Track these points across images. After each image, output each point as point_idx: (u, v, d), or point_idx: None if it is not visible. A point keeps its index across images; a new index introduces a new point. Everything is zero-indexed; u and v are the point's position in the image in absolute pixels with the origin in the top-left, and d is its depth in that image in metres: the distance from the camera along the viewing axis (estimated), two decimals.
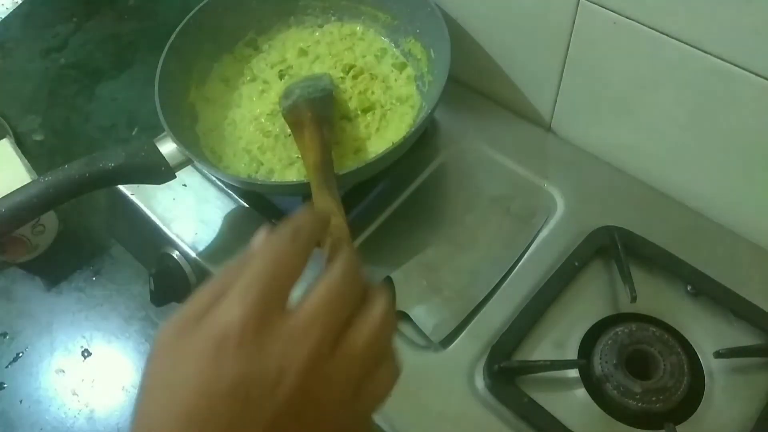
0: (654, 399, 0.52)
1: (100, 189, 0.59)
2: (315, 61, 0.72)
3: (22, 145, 0.92)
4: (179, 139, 0.59)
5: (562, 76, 0.64)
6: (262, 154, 0.65)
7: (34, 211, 0.55)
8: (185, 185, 0.68)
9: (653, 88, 0.58)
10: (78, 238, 0.88)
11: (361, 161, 0.62)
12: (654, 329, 0.55)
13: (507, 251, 0.61)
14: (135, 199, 0.68)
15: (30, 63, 1.03)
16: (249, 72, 0.72)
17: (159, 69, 0.64)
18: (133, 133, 0.94)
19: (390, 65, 0.71)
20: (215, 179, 0.68)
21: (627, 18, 0.54)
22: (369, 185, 0.65)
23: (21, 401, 0.76)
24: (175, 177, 0.60)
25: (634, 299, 0.56)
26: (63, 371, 0.78)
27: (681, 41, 0.52)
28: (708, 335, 0.56)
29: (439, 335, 0.57)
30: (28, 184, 0.55)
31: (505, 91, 0.71)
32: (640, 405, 0.52)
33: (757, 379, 0.53)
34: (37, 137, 0.95)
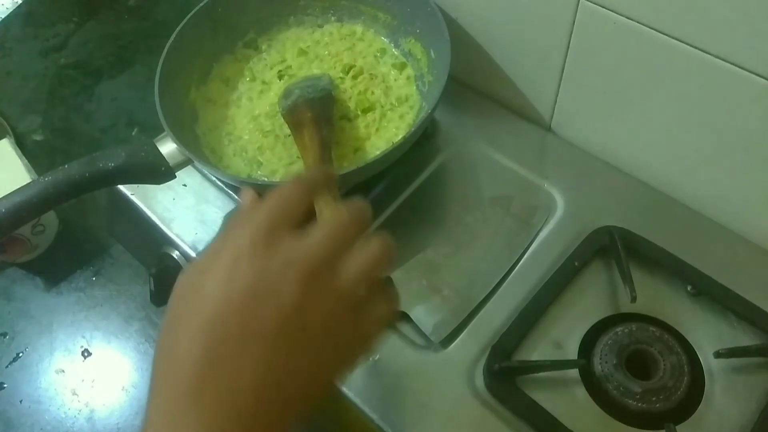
0: (654, 399, 0.52)
1: (100, 189, 0.59)
2: (315, 61, 0.72)
3: (22, 145, 0.91)
4: (179, 139, 0.59)
5: (562, 76, 0.64)
6: (261, 154, 0.66)
7: (34, 211, 0.55)
8: (185, 185, 0.68)
9: (653, 88, 0.58)
10: (78, 238, 0.88)
11: (361, 161, 0.62)
12: (654, 329, 0.55)
13: (507, 251, 0.61)
14: (135, 199, 0.68)
15: (30, 63, 1.03)
16: (249, 72, 0.72)
17: (159, 69, 0.64)
18: (133, 133, 0.93)
19: (390, 65, 0.71)
20: (215, 179, 0.68)
21: (627, 18, 0.54)
22: (369, 185, 0.65)
23: (21, 401, 0.76)
24: (175, 177, 0.60)
25: (634, 299, 0.56)
26: (63, 371, 0.78)
27: (681, 41, 0.52)
28: (708, 335, 0.56)
29: (439, 335, 0.57)
30: (28, 184, 0.55)
31: (505, 91, 0.71)
32: (640, 405, 0.52)
33: (757, 379, 0.53)
34: (37, 137, 0.95)
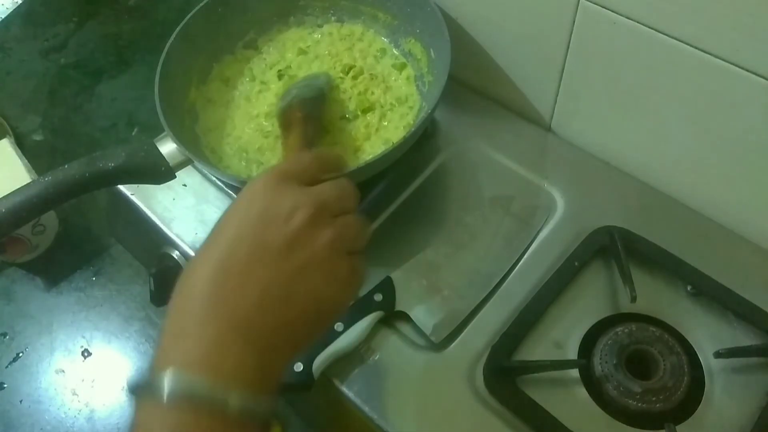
0: (654, 399, 0.52)
1: (100, 189, 0.59)
2: (314, 62, 0.72)
3: (22, 145, 0.92)
4: (179, 139, 0.59)
5: (562, 76, 0.64)
6: (261, 154, 0.66)
7: (34, 211, 0.55)
8: (185, 185, 0.68)
9: (653, 88, 0.58)
10: (78, 238, 0.88)
11: (361, 161, 0.62)
12: (654, 329, 0.55)
13: (507, 251, 0.61)
14: (135, 199, 0.68)
15: (30, 63, 1.03)
16: (249, 72, 0.72)
17: (159, 69, 0.64)
18: (133, 133, 0.94)
19: (390, 65, 0.71)
20: (215, 179, 0.68)
21: (627, 18, 0.54)
22: (369, 185, 0.65)
23: (21, 401, 0.76)
24: (175, 177, 0.60)
25: (634, 299, 0.56)
26: (63, 371, 0.78)
27: (681, 41, 0.52)
28: (708, 335, 0.56)
29: (439, 335, 0.57)
30: (28, 184, 0.55)
31: (505, 91, 0.71)
32: (640, 405, 0.52)
33: (757, 379, 0.53)
34: (37, 137, 0.95)
